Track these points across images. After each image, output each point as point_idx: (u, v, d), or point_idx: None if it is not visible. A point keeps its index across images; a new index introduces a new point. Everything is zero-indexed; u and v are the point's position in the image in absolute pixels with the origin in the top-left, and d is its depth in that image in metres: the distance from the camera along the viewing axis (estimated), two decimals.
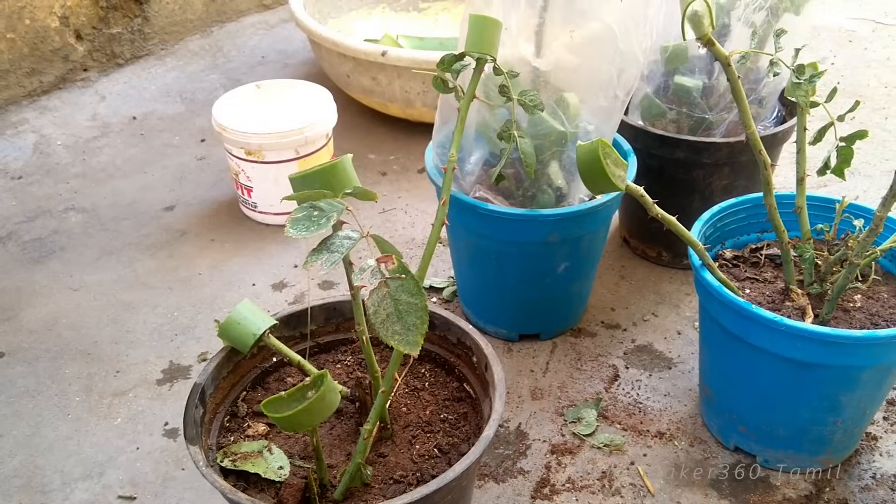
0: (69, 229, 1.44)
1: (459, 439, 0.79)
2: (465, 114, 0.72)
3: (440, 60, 0.77)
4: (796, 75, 0.83)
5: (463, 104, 0.73)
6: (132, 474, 0.99)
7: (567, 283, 1.12)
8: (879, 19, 2.19)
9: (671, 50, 1.17)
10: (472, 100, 0.74)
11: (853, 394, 0.88)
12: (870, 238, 0.84)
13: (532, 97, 0.83)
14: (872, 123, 1.71)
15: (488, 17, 0.75)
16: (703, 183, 1.20)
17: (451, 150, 0.71)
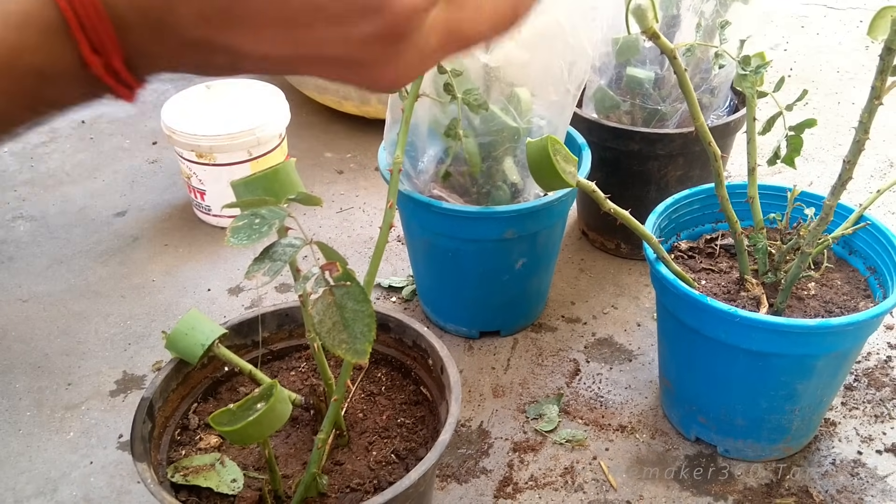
0: (17, 238, 1.40)
1: (417, 444, 0.78)
2: (409, 114, 0.71)
3: None
4: (742, 66, 0.83)
5: (407, 104, 0.72)
6: (86, 490, 0.96)
7: (526, 279, 1.12)
8: (831, 4, 2.21)
9: (622, 42, 1.17)
10: (416, 100, 0.72)
11: (809, 382, 0.88)
12: (820, 227, 0.85)
13: (476, 96, 0.82)
14: (825, 108, 1.73)
15: None
16: (658, 174, 1.20)
17: (396, 151, 0.70)
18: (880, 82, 0.73)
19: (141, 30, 0.32)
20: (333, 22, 0.33)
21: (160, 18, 0.32)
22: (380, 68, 0.35)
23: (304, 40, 0.34)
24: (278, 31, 0.33)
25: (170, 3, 0.32)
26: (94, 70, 0.32)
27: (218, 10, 0.32)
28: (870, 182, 1.49)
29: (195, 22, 0.32)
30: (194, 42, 0.33)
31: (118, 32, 0.32)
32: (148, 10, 0.32)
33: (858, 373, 1.09)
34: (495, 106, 0.99)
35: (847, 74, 1.87)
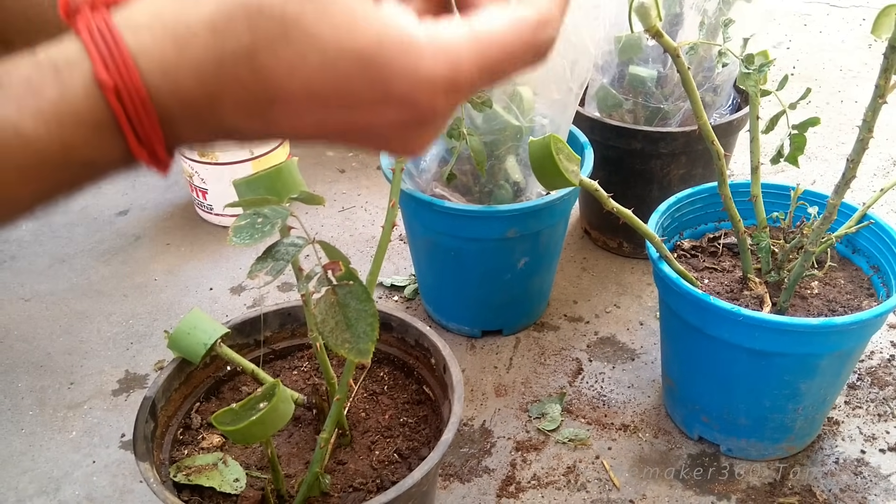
0: (19, 237, 1.40)
1: (420, 443, 0.78)
2: None
3: None
4: (745, 65, 0.83)
5: None
6: (89, 489, 0.96)
7: (528, 278, 1.11)
8: (834, 2, 2.21)
9: (624, 40, 1.17)
10: None
11: (813, 381, 0.88)
12: (824, 225, 0.84)
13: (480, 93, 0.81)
14: (828, 107, 1.72)
15: None
16: (661, 173, 1.20)
17: None
18: (884, 80, 0.73)
19: (183, 120, 0.34)
20: (367, 110, 0.35)
21: (203, 110, 0.34)
22: (404, 144, 0.38)
23: (337, 123, 0.36)
24: (314, 116, 0.36)
25: (213, 97, 0.34)
26: (138, 158, 0.34)
27: (258, 102, 0.35)
28: (873, 181, 1.49)
29: (236, 112, 0.35)
30: (233, 128, 0.36)
31: (162, 124, 0.34)
32: (192, 103, 0.34)
33: (862, 372, 1.09)
34: (497, 105, 0.98)
35: (850, 73, 1.86)
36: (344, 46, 0.34)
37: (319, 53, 0.34)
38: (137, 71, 0.33)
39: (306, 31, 0.34)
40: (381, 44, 0.35)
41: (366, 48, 0.35)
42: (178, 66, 0.34)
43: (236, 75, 0.34)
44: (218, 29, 0.34)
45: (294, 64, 0.34)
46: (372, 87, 0.35)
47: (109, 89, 0.33)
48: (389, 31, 0.35)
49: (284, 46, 0.34)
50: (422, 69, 0.35)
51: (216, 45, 0.34)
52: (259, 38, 0.34)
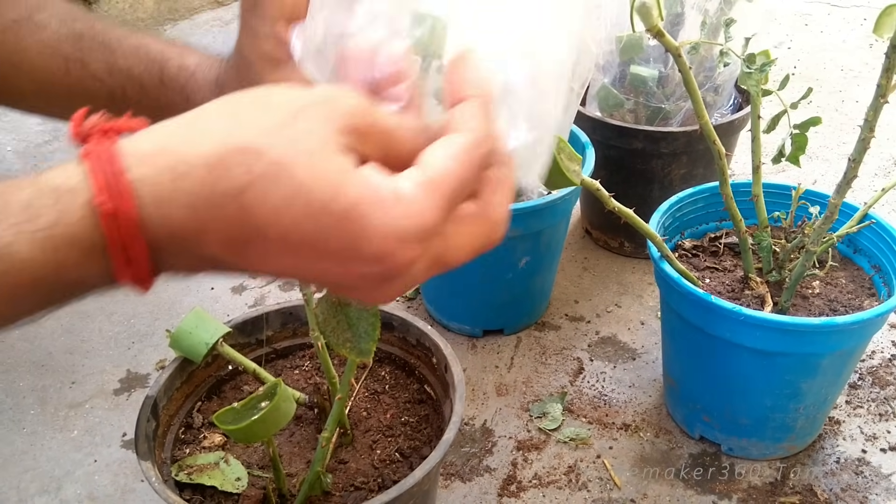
0: None
1: (421, 442, 0.78)
2: None
3: None
4: (747, 64, 0.83)
5: None
6: (90, 488, 0.96)
7: (529, 278, 1.12)
8: (835, 2, 2.21)
9: (625, 40, 1.17)
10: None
11: (814, 380, 0.88)
12: (825, 225, 0.85)
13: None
14: (829, 107, 1.72)
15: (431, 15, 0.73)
16: (662, 172, 1.20)
17: None
18: (886, 80, 0.73)
19: (170, 248, 0.37)
20: (339, 262, 0.38)
21: (189, 240, 0.37)
22: (374, 294, 0.41)
23: (311, 269, 0.39)
24: (289, 260, 0.38)
25: (199, 230, 0.36)
26: (122, 281, 0.37)
27: (240, 241, 0.37)
28: (874, 180, 1.49)
29: (218, 246, 0.37)
30: (214, 259, 0.38)
31: (149, 251, 0.36)
32: (180, 234, 0.36)
33: (863, 371, 1.09)
34: None
35: (851, 73, 1.86)
36: (327, 201, 0.37)
37: (305, 204, 0.37)
38: (134, 201, 0.35)
39: (296, 181, 0.37)
40: (360, 203, 0.37)
41: (345, 208, 0.37)
42: (172, 198, 0.36)
43: (224, 212, 0.36)
44: (215, 166, 0.36)
45: (279, 209, 0.36)
46: (347, 244, 0.37)
47: (105, 216, 0.35)
48: (368, 192, 0.37)
49: (273, 192, 0.36)
50: (392, 227, 0.37)
51: (211, 182, 0.36)
52: (252, 180, 0.36)
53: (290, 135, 0.38)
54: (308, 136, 0.38)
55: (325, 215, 0.37)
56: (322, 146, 0.38)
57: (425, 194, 0.38)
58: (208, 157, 0.36)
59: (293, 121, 0.38)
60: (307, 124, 0.38)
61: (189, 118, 0.39)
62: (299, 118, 0.38)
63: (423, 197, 0.38)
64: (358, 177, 0.38)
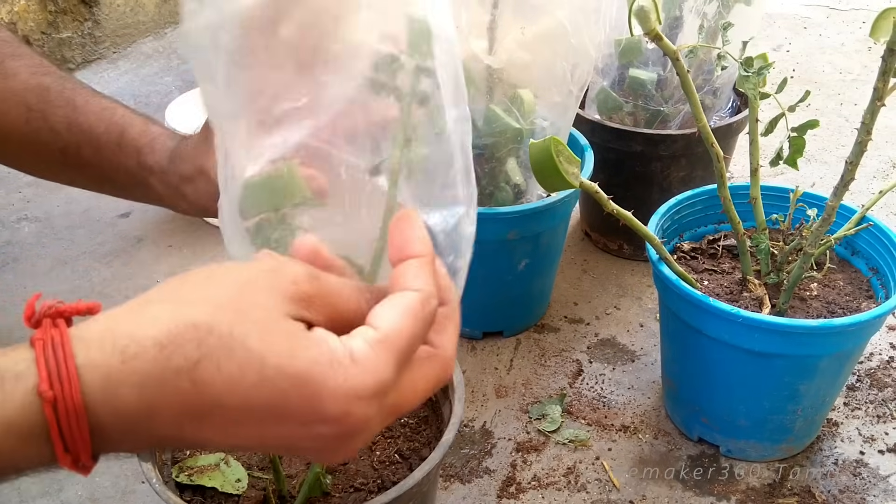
0: (22, 240, 1.41)
1: (420, 444, 0.79)
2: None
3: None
4: (744, 68, 0.84)
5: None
6: (91, 489, 0.97)
7: (529, 280, 1.12)
8: (833, 5, 2.21)
9: (625, 43, 1.17)
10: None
11: (812, 382, 0.89)
12: (823, 227, 0.85)
13: None
14: (828, 110, 1.73)
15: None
16: (661, 175, 1.21)
17: (394, 152, 0.70)
18: (882, 83, 0.73)
19: (116, 431, 0.37)
20: (300, 424, 0.39)
21: (139, 421, 0.37)
22: (335, 453, 0.42)
23: (270, 436, 0.39)
24: (247, 429, 0.39)
25: (151, 409, 0.37)
26: (60, 463, 0.37)
27: (195, 415, 0.38)
28: (872, 183, 1.49)
29: (171, 424, 0.38)
30: (165, 437, 0.39)
31: (93, 435, 0.37)
32: (128, 415, 0.37)
33: (861, 373, 1.09)
34: (498, 107, 0.99)
35: (850, 76, 1.87)
36: (283, 366, 0.38)
37: (258, 371, 0.37)
38: (79, 385, 0.36)
39: (250, 349, 0.37)
40: (315, 365, 0.38)
41: (302, 370, 0.38)
42: (121, 381, 0.36)
43: (177, 388, 0.37)
44: (166, 345, 0.37)
45: (234, 379, 0.37)
46: (307, 404, 0.38)
47: (48, 402, 0.35)
48: (322, 354, 0.39)
49: (227, 361, 0.37)
50: (350, 386, 0.39)
51: (162, 359, 0.37)
52: (205, 353, 0.37)
53: (239, 308, 0.38)
54: (256, 308, 0.39)
55: (281, 378, 0.38)
56: (271, 315, 0.39)
57: (379, 352, 0.40)
58: (158, 336, 0.37)
59: (240, 295, 0.39)
60: (254, 297, 0.39)
61: (138, 302, 0.40)
62: (245, 292, 0.39)
63: (376, 355, 0.40)
64: (310, 340, 0.39)
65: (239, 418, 0.38)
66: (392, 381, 0.40)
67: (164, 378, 0.37)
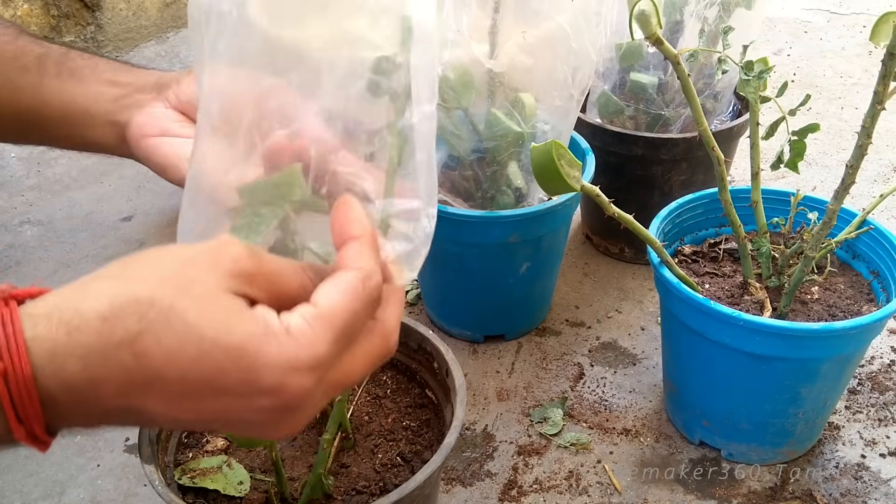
0: (24, 243, 1.41)
1: (422, 447, 0.79)
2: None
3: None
4: (745, 72, 0.84)
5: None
6: (93, 492, 0.97)
7: (530, 283, 1.12)
8: (834, 9, 2.22)
9: (625, 47, 1.18)
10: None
11: (813, 385, 0.89)
12: (824, 231, 0.85)
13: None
14: (828, 114, 1.73)
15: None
16: (662, 179, 1.21)
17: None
18: (883, 87, 0.74)
19: (66, 403, 0.39)
20: (238, 396, 0.40)
21: (86, 393, 0.39)
22: (277, 427, 0.43)
23: (211, 409, 0.41)
24: (190, 402, 0.40)
25: (95, 381, 0.38)
26: (16, 436, 0.39)
27: (137, 386, 0.39)
28: (873, 186, 1.50)
29: (116, 396, 0.39)
30: (113, 410, 0.40)
31: (44, 406, 0.38)
32: (75, 386, 0.38)
33: (862, 377, 1.09)
34: (500, 111, 0.99)
35: (850, 79, 1.87)
36: (219, 339, 0.39)
37: (196, 343, 0.39)
38: (28, 357, 0.37)
39: (188, 322, 0.39)
40: (251, 337, 0.40)
41: (238, 342, 0.39)
42: (67, 352, 0.38)
43: (119, 360, 0.38)
44: (108, 318, 0.39)
45: (174, 351, 0.39)
46: (244, 376, 0.40)
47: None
48: (258, 327, 0.40)
49: (166, 334, 0.39)
50: (285, 358, 0.40)
51: (105, 332, 0.38)
52: (145, 326, 0.39)
53: (179, 283, 0.40)
54: (196, 284, 0.40)
55: (218, 351, 0.39)
56: (210, 290, 0.41)
57: (315, 327, 0.41)
58: (101, 309, 0.39)
59: (182, 271, 0.41)
60: (194, 272, 0.41)
61: (87, 279, 0.42)
62: (187, 268, 0.41)
63: (312, 330, 0.41)
64: (248, 314, 0.41)
65: (180, 391, 0.39)
66: (329, 355, 0.42)
67: (106, 350, 0.38)
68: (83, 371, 0.38)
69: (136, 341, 0.38)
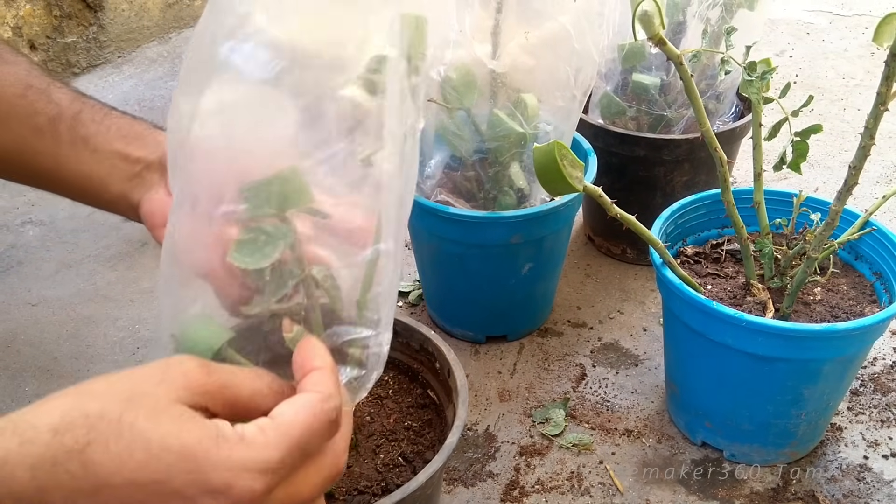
0: (26, 243, 1.41)
1: (424, 447, 0.79)
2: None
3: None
4: (748, 72, 0.84)
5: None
6: None
7: (532, 284, 1.12)
8: (836, 11, 2.22)
9: (628, 48, 1.18)
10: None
11: (816, 386, 0.89)
12: (826, 232, 0.85)
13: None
14: (831, 115, 1.73)
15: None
16: (664, 179, 1.21)
17: None
18: (885, 88, 0.74)
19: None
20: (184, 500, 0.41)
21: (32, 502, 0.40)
22: None
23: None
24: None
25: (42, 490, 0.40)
26: None
27: (84, 494, 0.40)
28: (875, 188, 1.49)
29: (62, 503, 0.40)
30: None
31: None
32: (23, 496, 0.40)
33: (865, 378, 1.09)
34: (502, 111, 0.99)
35: (853, 81, 1.87)
36: (168, 443, 0.41)
37: (145, 448, 0.40)
38: None
39: (137, 429, 0.41)
40: (200, 441, 0.41)
41: (186, 445, 0.41)
42: (17, 461, 0.39)
43: (67, 469, 0.39)
44: (59, 430, 0.40)
45: (122, 458, 0.40)
46: (192, 478, 0.41)
47: None
48: (209, 434, 0.42)
49: (115, 442, 0.40)
50: (235, 459, 0.41)
51: (55, 444, 0.40)
52: (94, 437, 0.40)
53: (129, 396, 0.42)
54: (146, 396, 0.42)
55: (166, 453, 0.41)
56: (160, 402, 0.42)
57: (269, 435, 0.43)
58: (53, 423, 0.40)
59: (132, 386, 0.43)
60: (145, 387, 0.43)
61: (45, 398, 0.43)
62: (137, 383, 0.43)
63: (265, 436, 0.43)
64: (200, 421, 0.43)
65: (127, 495, 0.40)
66: (281, 464, 0.43)
67: (56, 459, 0.39)
68: (31, 480, 0.39)
69: (84, 450, 0.40)
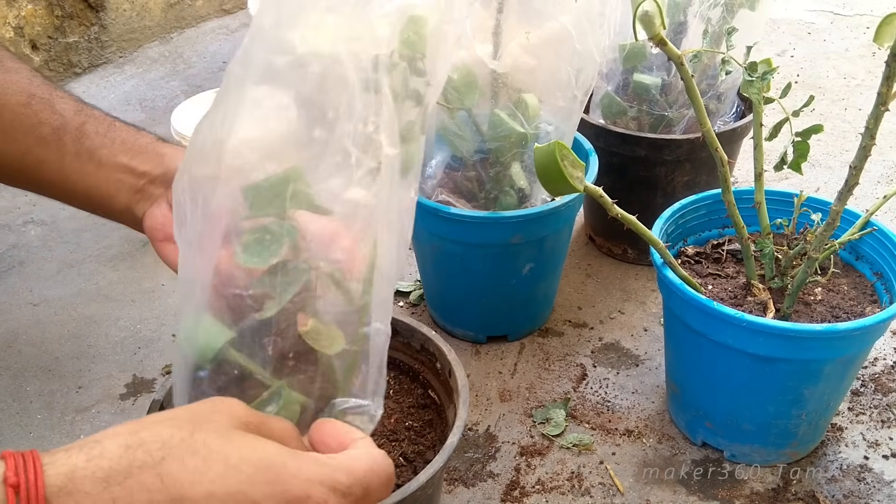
0: (28, 243, 1.42)
1: (425, 447, 0.79)
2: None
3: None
4: (749, 73, 0.84)
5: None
6: None
7: (533, 284, 1.12)
8: (838, 11, 2.22)
9: (629, 48, 1.18)
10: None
11: (816, 387, 0.89)
12: (827, 232, 0.85)
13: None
14: (832, 115, 1.73)
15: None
16: (665, 180, 1.21)
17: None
18: (886, 88, 0.74)
19: None
20: None
21: None
22: None
23: None
24: None
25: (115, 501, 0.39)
26: None
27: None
28: (876, 188, 1.49)
29: None
30: None
31: None
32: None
33: (865, 378, 1.09)
34: (503, 111, 0.99)
35: (854, 81, 1.87)
36: (246, 455, 0.42)
37: (223, 461, 0.41)
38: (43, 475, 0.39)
39: (212, 447, 0.42)
40: (278, 454, 0.43)
41: (264, 458, 0.42)
42: (85, 476, 0.39)
43: (142, 482, 0.39)
44: (131, 446, 0.41)
45: (200, 470, 0.40)
46: (271, 489, 0.42)
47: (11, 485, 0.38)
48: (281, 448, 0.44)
49: (191, 457, 0.41)
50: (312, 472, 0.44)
51: (128, 457, 0.40)
52: (169, 452, 0.41)
53: (194, 420, 0.43)
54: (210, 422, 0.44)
55: (246, 465, 0.42)
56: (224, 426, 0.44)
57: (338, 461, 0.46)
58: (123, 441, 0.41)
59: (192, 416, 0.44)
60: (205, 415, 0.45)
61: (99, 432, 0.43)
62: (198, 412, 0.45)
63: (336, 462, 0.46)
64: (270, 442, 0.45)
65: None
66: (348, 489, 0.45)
67: (130, 472, 0.39)
68: (103, 492, 0.39)
69: (160, 464, 0.40)
